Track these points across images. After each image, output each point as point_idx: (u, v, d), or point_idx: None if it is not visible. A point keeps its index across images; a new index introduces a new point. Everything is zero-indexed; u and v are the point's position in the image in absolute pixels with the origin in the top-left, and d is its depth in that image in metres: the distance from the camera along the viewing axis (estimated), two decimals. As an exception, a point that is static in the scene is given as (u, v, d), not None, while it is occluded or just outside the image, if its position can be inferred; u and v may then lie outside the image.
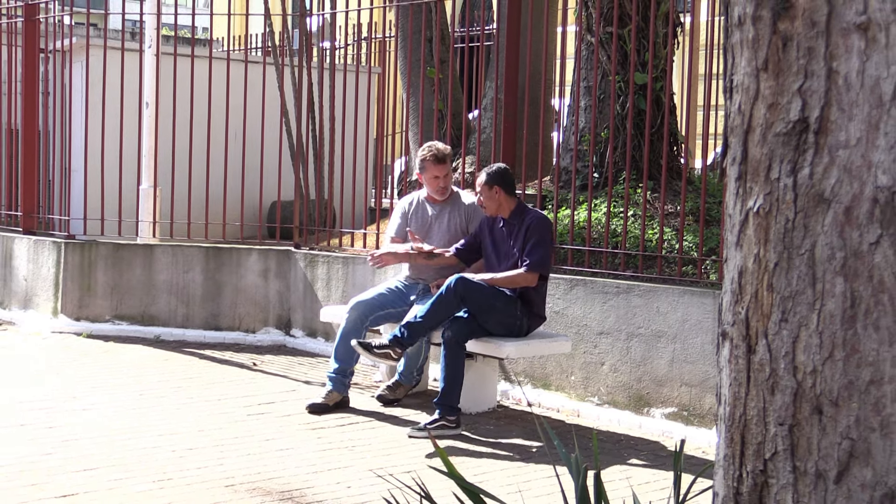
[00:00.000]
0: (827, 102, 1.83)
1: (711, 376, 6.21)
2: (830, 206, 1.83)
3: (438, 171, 6.76)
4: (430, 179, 6.80)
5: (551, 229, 6.45)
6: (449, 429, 6.14)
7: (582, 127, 8.04)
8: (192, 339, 8.89)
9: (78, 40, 10.25)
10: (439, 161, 6.74)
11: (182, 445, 5.69)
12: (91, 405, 6.53)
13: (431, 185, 6.82)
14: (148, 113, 9.32)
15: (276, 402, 6.82)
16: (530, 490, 5.05)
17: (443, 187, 6.80)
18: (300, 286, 8.82)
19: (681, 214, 6.80)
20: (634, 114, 7.64)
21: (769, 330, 1.91)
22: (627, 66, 7.71)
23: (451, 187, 6.94)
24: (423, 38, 8.71)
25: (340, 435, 6.08)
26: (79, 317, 9.07)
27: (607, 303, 6.74)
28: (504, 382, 7.21)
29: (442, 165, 6.75)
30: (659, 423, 6.44)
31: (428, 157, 6.74)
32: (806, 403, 1.87)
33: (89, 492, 4.84)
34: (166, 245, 9.14)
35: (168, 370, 7.70)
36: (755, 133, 1.93)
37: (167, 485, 5.00)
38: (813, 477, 1.86)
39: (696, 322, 6.32)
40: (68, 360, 7.97)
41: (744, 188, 1.96)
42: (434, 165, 6.74)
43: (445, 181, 6.79)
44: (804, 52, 1.85)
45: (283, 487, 5.03)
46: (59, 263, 9.14)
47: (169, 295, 9.02)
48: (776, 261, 1.90)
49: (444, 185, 6.80)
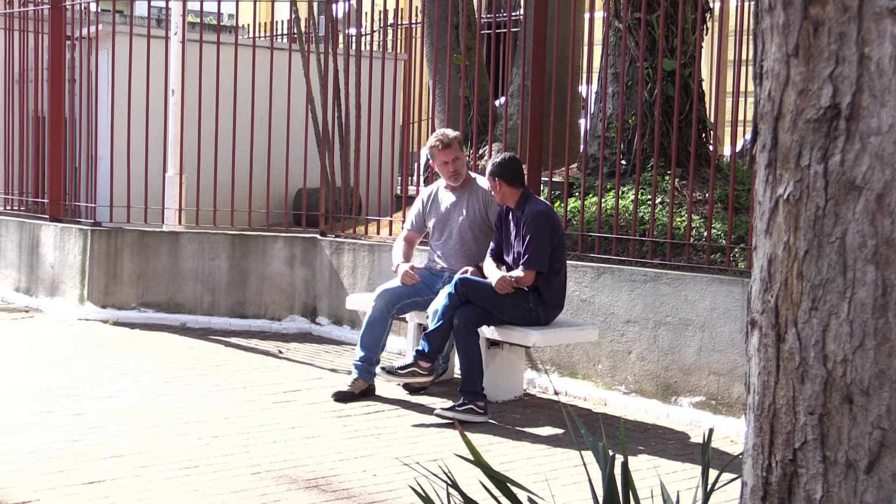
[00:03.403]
0: (858, 88, 1.81)
1: (740, 365, 6.19)
2: (862, 194, 1.81)
3: (446, 157, 6.79)
4: (440, 166, 6.85)
5: (551, 223, 6.35)
6: (477, 413, 6.16)
7: (609, 114, 8.01)
8: (217, 327, 8.93)
9: (104, 27, 10.30)
10: (445, 146, 6.77)
11: (208, 433, 5.72)
12: (117, 392, 6.57)
13: (443, 172, 6.86)
14: (174, 100, 9.35)
15: (302, 389, 6.85)
16: (557, 479, 5.05)
17: (454, 172, 6.82)
18: (326, 274, 8.84)
19: (709, 202, 6.77)
20: (662, 100, 7.61)
21: (799, 318, 1.90)
22: (656, 52, 7.67)
23: (468, 172, 6.97)
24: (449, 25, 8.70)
25: (366, 423, 6.09)
26: (105, 304, 9.12)
27: (635, 291, 6.73)
28: (530, 371, 7.21)
29: (448, 150, 6.78)
30: (687, 413, 6.42)
31: (434, 144, 6.81)
32: (836, 393, 1.86)
33: (116, 479, 4.87)
34: (192, 232, 9.17)
35: (194, 358, 7.73)
36: (785, 119, 1.92)
37: (193, 472, 5.03)
38: (843, 467, 1.85)
39: (725, 310, 6.30)
40: (94, 347, 8.03)
41: (774, 175, 1.95)
42: (441, 151, 6.78)
43: (455, 165, 6.81)
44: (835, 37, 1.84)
45: (310, 475, 5.05)
46: (85, 251, 9.19)
47: (195, 282, 9.06)
48: (806, 249, 1.89)
49: (454, 169, 6.82)
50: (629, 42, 7.98)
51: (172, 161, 9.41)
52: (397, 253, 6.96)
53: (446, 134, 6.83)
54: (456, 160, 6.80)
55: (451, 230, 6.85)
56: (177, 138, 9.38)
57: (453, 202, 6.91)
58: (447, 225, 6.89)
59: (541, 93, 7.74)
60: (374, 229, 8.96)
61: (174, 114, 9.36)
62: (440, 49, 9.69)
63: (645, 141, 7.75)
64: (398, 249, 6.98)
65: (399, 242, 7.04)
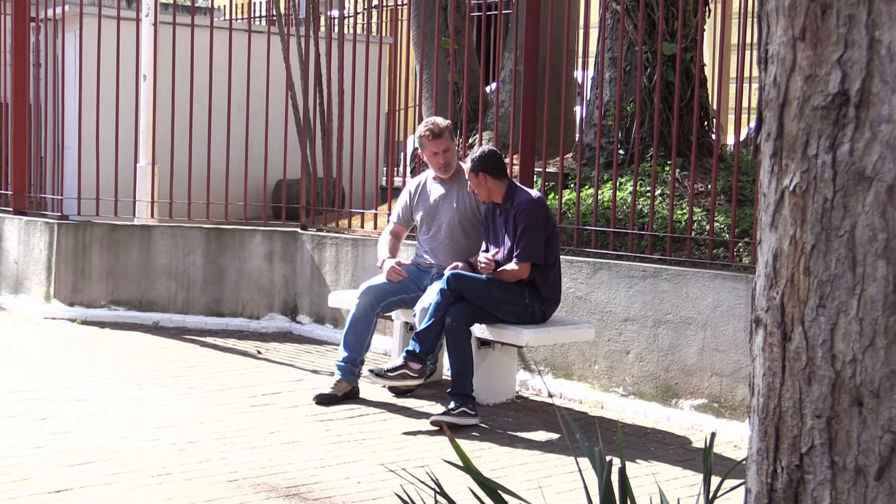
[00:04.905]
0: (868, 74, 1.82)
1: (744, 366, 6.21)
2: (872, 185, 1.82)
3: (436, 147, 6.79)
4: (429, 157, 6.85)
5: (542, 212, 6.36)
6: (470, 416, 6.17)
7: (606, 101, 8.02)
8: (192, 326, 8.92)
9: (71, 8, 10.26)
10: (436, 136, 6.77)
11: (182, 438, 5.71)
12: (85, 395, 6.56)
13: (432, 163, 6.86)
14: (145, 86, 9.33)
15: (282, 392, 6.85)
16: (551, 486, 5.06)
17: (443, 163, 6.82)
18: (307, 270, 8.84)
19: (712, 194, 6.78)
20: (662, 87, 7.62)
21: (806, 316, 1.91)
22: (655, 35, 7.68)
23: (458, 163, 6.96)
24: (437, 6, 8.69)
25: (350, 427, 6.10)
26: (73, 302, 9.11)
27: (633, 287, 6.74)
28: (523, 372, 7.22)
29: (439, 140, 6.77)
30: (688, 416, 6.44)
31: (424, 134, 6.80)
32: (845, 394, 1.86)
33: (84, 487, 4.86)
34: (165, 226, 9.16)
35: (167, 358, 7.73)
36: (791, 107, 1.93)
37: (166, 480, 5.03)
38: (852, 472, 1.86)
39: (728, 308, 6.31)
40: (61, 347, 8.01)
41: (779, 165, 1.96)
42: (431, 141, 6.78)
43: (446, 157, 6.81)
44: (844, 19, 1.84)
45: (290, 483, 5.05)
46: (51, 245, 9.18)
47: (168, 279, 9.05)
48: (813, 243, 1.89)
49: (444, 160, 6.82)
50: (627, 24, 7.99)
51: (144, 150, 9.40)
52: (383, 248, 6.95)
53: (437, 122, 6.83)
54: (446, 151, 6.80)
55: (440, 224, 6.85)
56: (149, 126, 9.36)
57: (442, 194, 6.91)
58: (436, 218, 6.89)
59: (534, 78, 7.75)
60: (358, 223, 8.96)
61: (146, 100, 9.35)
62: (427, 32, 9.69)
63: (644, 129, 7.76)
64: (384, 244, 6.97)
65: (385, 236, 7.03)
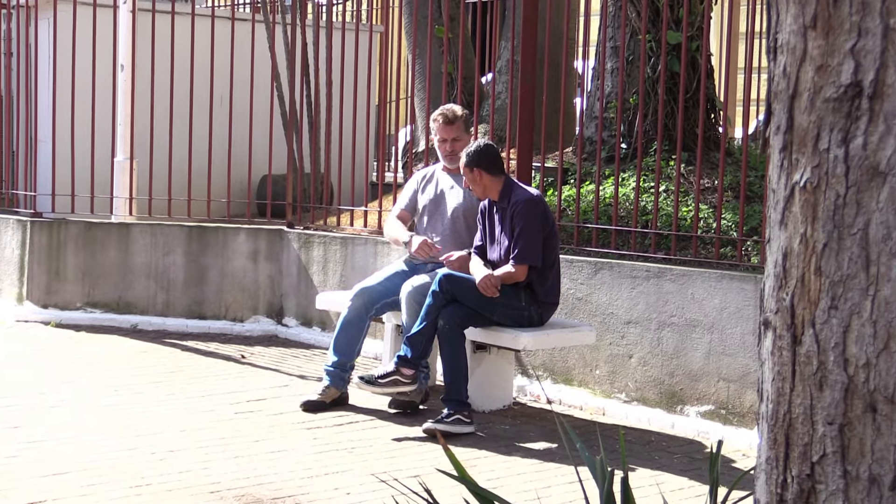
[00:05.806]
0: (883, 64, 1.82)
1: (752, 370, 6.22)
2: (886, 180, 1.82)
3: (446, 134, 6.80)
4: (438, 143, 6.88)
5: (540, 211, 6.35)
6: (465, 424, 6.17)
7: (608, 92, 8.02)
8: (173, 329, 8.91)
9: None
10: (448, 122, 6.78)
11: (162, 447, 5.70)
12: (60, 402, 6.55)
13: (440, 149, 6.88)
14: (123, 76, 9.32)
15: (267, 398, 6.84)
16: (550, 497, 5.07)
17: (450, 152, 6.83)
18: (294, 270, 8.84)
19: (719, 190, 6.79)
20: (667, 77, 7.63)
21: (817, 318, 1.91)
22: (659, 23, 7.69)
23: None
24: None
25: (339, 435, 6.10)
26: (46, 304, 9.09)
27: (636, 288, 6.74)
28: (521, 377, 7.22)
29: (450, 127, 6.79)
30: (694, 423, 6.44)
31: (437, 118, 6.83)
32: (858, 400, 1.87)
33: (58, 498, 4.86)
34: (144, 224, 9.15)
35: (146, 363, 7.72)
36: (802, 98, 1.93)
37: (145, 491, 5.02)
38: (866, 482, 1.86)
39: (736, 310, 6.32)
40: (34, 351, 8.00)
41: (789, 160, 1.96)
42: (442, 126, 6.80)
43: (454, 145, 6.81)
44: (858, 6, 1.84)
45: (275, 494, 5.05)
46: (24, 244, 9.16)
47: (147, 279, 9.04)
48: (825, 241, 1.90)
49: (451, 149, 6.81)
50: (630, 12, 7.99)
51: (122, 144, 9.38)
52: (398, 228, 6.87)
53: (453, 110, 6.86)
54: (455, 140, 6.80)
55: (444, 214, 6.83)
56: (127, 119, 9.35)
57: (450, 185, 6.91)
58: (439, 207, 6.88)
59: (532, 69, 7.75)
60: (347, 220, 8.96)
61: (124, 92, 9.33)
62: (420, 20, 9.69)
63: (647, 122, 7.77)
64: (397, 226, 6.89)
65: (394, 221, 6.95)
